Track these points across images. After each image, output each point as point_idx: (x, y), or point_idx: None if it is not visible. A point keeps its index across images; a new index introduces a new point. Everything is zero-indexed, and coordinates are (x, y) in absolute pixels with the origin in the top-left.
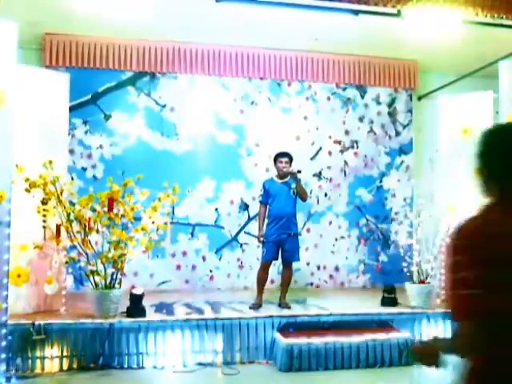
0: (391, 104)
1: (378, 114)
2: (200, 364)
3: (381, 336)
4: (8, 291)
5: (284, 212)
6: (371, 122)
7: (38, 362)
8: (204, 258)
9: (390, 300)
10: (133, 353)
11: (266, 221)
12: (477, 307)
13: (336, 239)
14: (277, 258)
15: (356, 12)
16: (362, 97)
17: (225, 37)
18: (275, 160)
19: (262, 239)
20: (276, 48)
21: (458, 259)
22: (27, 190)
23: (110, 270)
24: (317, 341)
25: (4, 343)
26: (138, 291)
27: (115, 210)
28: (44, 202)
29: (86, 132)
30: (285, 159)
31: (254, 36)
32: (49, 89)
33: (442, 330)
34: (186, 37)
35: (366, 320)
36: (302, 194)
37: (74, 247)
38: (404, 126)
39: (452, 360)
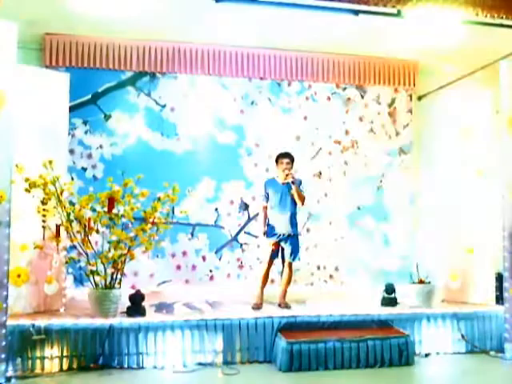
0: (391, 104)
1: (377, 114)
2: (200, 364)
3: (381, 336)
4: (8, 291)
5: (284, 212)
6: (371, 122)
7: (38, 362)
8: (204, 258)
9: (389, 300)
10: (133, 353)
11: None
12: None
13: (336, 239)
14: (277, 257)
15: (356, 12)
16: (362, 97)
17: (225, 37)
18: (277, 160)
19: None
20: (276, 48)
21: None
22: (27, 190)
23: (110, 270)
24: (317, 341)
25: (4, 343)
26: (137, 292)
27: (115, 210)
28: (44, 202)
29: (86, 132)
30: (286, 160)
31: (254, 36)
32: (49, 89)
33: (443, 329)
34: (186, 37)
35: (366, 320)
36: (297, 200)
37: (74, 247)
38: (404, 126)
39: None
